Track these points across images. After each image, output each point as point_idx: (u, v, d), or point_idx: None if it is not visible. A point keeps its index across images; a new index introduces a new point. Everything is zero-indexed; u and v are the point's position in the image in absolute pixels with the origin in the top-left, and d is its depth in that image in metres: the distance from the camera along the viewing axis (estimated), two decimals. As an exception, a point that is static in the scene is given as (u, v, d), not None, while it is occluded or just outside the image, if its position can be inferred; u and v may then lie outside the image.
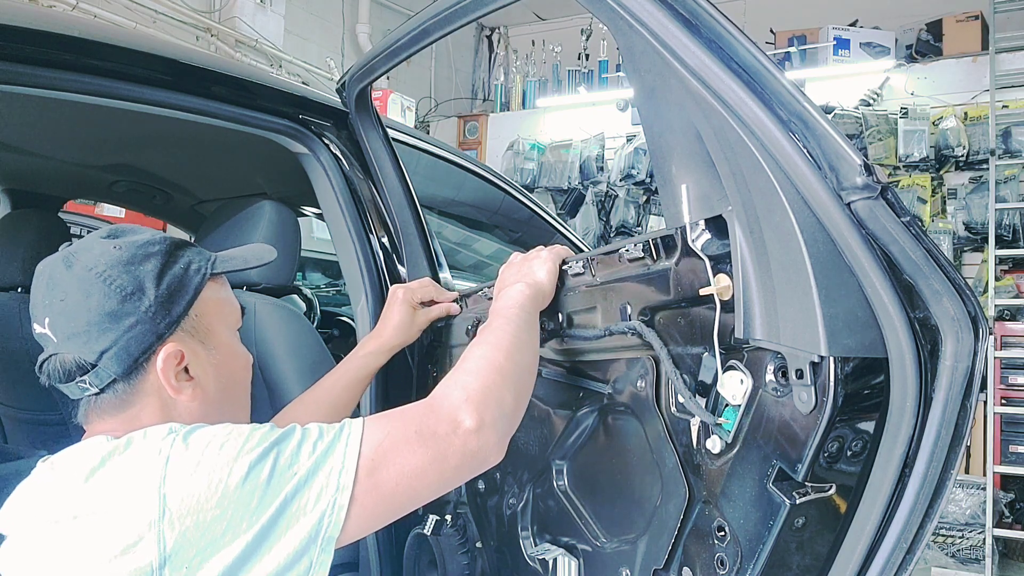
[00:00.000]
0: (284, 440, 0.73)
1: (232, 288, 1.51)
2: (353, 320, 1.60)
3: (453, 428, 0.77)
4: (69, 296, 0.78)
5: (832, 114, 4.26)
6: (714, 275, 0.78)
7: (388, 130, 1.46)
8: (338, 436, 0.74)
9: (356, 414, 1.49)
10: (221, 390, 0.86)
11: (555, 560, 1.06)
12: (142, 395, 0.80)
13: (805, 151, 0.67)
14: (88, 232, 1.12)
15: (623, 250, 0.91)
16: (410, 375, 1.43)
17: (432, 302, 1.28)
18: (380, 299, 1.43)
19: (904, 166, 4.19)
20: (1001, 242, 3.86)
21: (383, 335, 1.22)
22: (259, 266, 0.94)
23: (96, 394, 0.79)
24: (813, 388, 0.69)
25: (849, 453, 0.72)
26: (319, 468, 0.72)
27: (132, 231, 0.85)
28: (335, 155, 1.44)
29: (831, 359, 0.68)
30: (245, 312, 0.94)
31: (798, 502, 0.73)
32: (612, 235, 4.84)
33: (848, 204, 0.66)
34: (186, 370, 0.82)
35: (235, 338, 0.90)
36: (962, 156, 4.08)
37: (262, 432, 0.74)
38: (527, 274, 1.03)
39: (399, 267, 1.46)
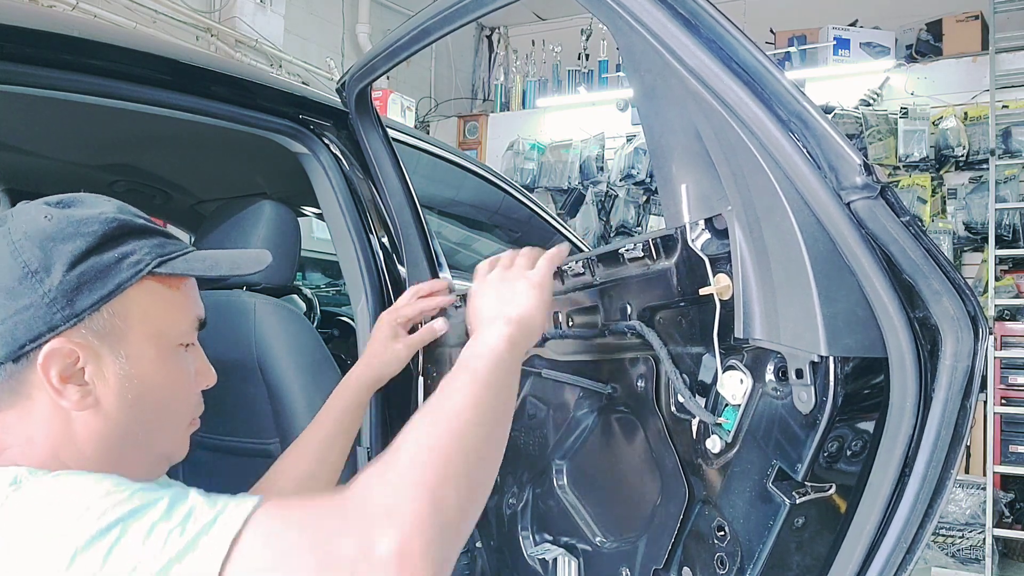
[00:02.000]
0: (136, 516, 0.56)
1: (232, 288, 1.53)
2: (353, 320, 1.60)
3: (363, 552, 0.54)
4: None
5: (832, 114, 4.26)
6: (714, 275, 0.78)
7: (388, 130, 1.46)
8: (206, 529, 0.56)
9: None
10: (126, 409, 0.71)
11: (555, 560, 1.06)
12: (32, 388, 0.69)
13: (805, 151, 0.67)
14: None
15: (623, 250, 0.91)
16: (410, 376, 1.43)
17: (432, 313, 1.20)
18: (380, 299, 1.43)
19: (904, 166, 4.18)
20: (1001, 242, 3.86)
21: (358, 370, 1.11)
22: (230, 276, 0.78)
23: None
24: (813, 388, 0.69)
25: (849, 453, 0.73)
26: (168, 572, 0.54)
27: (84, 203, 0.74)
28: (335, 155, 1.44)
29: (831, 359, 0.68)
30: (204, 326, 0.80)
31: (798, 502, 0.73)
32: (612, 235, 4.84)
33: (848, 204, 0.66)
34: (83, 373, 0.70)
35: (168, 354, 0.74)
36: (962, 156, 4.07)
37: (115, 499, 0.57)
38: (509, 303, 0.83)
39: (399, 267, 1.46)
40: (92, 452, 0.71)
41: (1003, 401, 3.53)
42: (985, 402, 3.47)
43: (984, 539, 3.40)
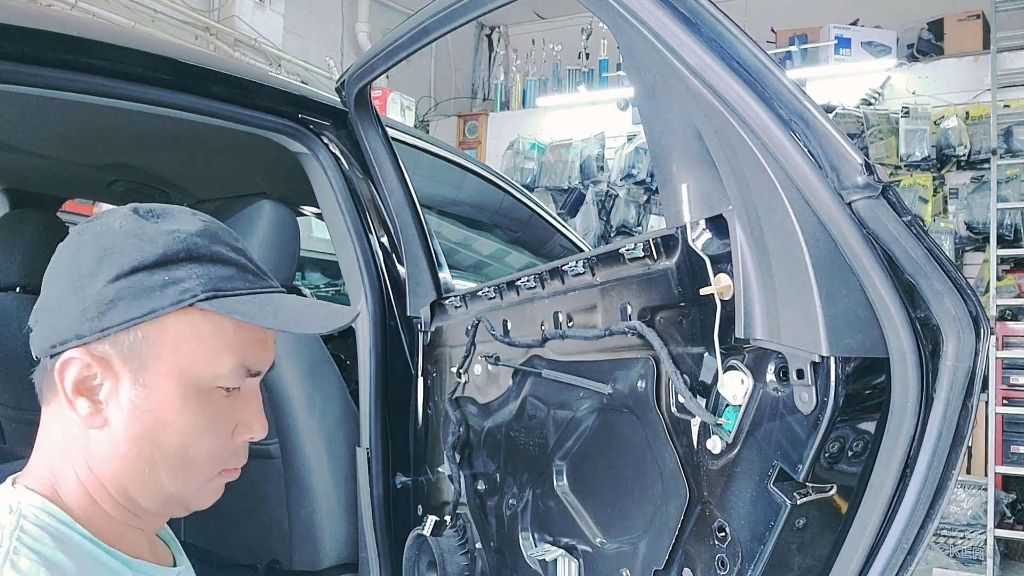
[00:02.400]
0: None
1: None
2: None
3: None
4: (60, 252, 0.69)
5: (833, 113, 4.25)
6: (714, 275, 0.78)
7: (388, 129, 1.45)
8: None
9: (356, 416, 1.49)
10: (132, 441, 0.66)
11: (555, 561, 1.05)
12: (57, 390, 0.68)
13: (806, 150, 0.67)
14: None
15: (623, 250, 0.91)
16: (410, 376, 1.43)
17: None
18: (380, 299, 1.43)
19: (906, 165, 4.18)
20: (1003, 242, 3.86)
21: None
22: (285, 330, 0.70)
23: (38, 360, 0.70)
24: (814, 388, 0.69)
25: (850, 453, 0.72)
26: None
27: (169, 218, 0.70)
28: (334, 155, 1.44)
29: (832, 359, 0.68)
30: (260, 374, 0.73)
31: (799, 503, 0.73)
32: (613, 235, 4.83)
33: (849, 203, 0.66)
34: (99, 389, 0.67)
35: (194, 396, 0.67)
36: (963, 155, 4.07)
37: None
38: None
39: (398, 267, 1.46)
40: (101, 472, 0.67)
41: (1005, 401, 3.53)
42: (987, 402, 3.47)
43: (985, 540, 3.39)
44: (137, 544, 0.70)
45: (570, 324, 1.03)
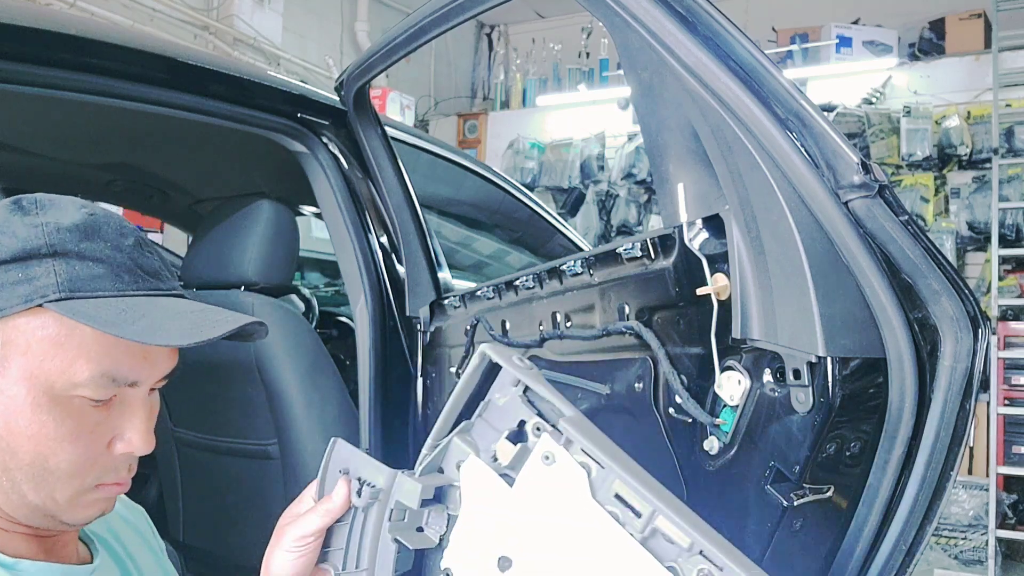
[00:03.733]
0: None
1: (230, 288, 1.52)
2: (352, 320, 1.60)
3: None
4: None
5: (834, 113, 4.24)
6: (711, 275, 0.77)
7: (387, 129, 1.45)
8: None
9: (355, 417, 1.49)
10: None
11: (553, 561, 1.05)
12: None
13: (802, 149, 0.67)
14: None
15: (621, 250, 0.91)
16: (410, 376, 1.42)
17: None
18: (379, 299, 1.43)
19: (907, 165, 4.17)
20: (1004, 242, 3.85)
21: None
22: (144, 342, 0.61)
23: None
24: (811, 389, 0.69)
25: (847, 454, 0.72)
26: None
27: (51, 209, 0.64)
28: (334, 154, 1.44)
29: (829, 359, 0.68)
30: (137, 384, 0.64)
31: (796, 504, 0.72)
32: (613, 234, 4.83)
33: (846, 203, 0.65)
34: None
35: (49, 404, 0.62)
36: (965, 155, 4.06)
37: None
38: None
39: (398, 267, 1.46)
40: None
41: (1006, 402, 3.52)
42: (988, 403, 3.46)
43: (987, 540, 3.39)
44: (19, 547, 0.67)
45: (568, 324, 1.03)
